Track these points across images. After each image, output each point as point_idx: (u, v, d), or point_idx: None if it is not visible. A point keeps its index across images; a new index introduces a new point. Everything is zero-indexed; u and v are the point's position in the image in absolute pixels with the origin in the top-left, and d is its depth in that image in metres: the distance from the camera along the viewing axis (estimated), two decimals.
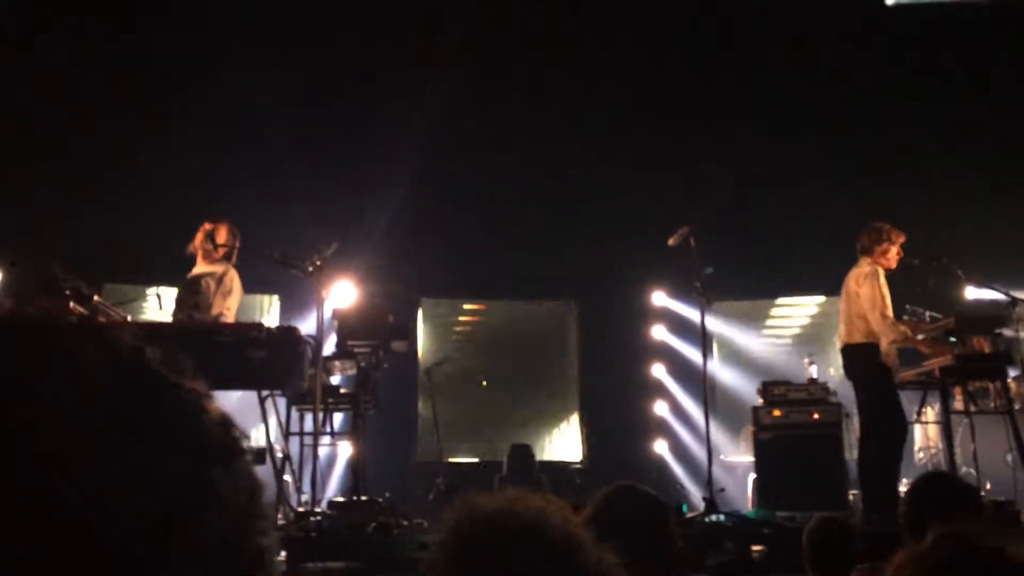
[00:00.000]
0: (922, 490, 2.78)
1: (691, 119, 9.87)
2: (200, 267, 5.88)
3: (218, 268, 5.85)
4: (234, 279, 5.84)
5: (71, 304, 5.13)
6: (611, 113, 9.93)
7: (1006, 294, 6.54)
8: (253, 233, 6.67)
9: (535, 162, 9.65)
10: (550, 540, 0.88)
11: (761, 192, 9.78)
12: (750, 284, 10.22)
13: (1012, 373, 6.55)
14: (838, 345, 6.46)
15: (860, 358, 6.20)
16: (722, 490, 6.74)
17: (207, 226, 5.87)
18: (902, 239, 6.22)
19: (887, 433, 6.05)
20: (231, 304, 5.78)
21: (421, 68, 9.47)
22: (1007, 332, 6.35)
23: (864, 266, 6.21)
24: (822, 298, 10.62)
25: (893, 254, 6.18)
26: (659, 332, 10.59)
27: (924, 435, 8.20)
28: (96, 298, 5.45)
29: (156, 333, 5.35)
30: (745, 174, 9.70)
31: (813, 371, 7.69)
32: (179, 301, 5.88)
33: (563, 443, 10.64)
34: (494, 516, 0.90)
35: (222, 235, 5.85)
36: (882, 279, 6.11)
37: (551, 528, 0.89)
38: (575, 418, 10.56)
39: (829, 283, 7.56)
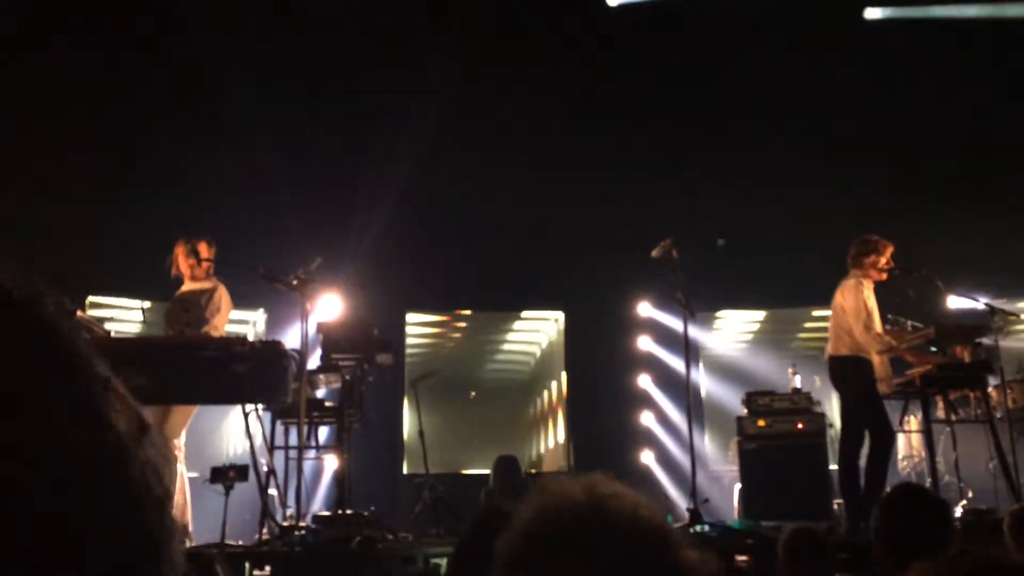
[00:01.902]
0: (895, 503, 2.79)
1: (677, 131, 9.93)
2: (189, 285, 5.89)
3: (207, 285, 5.86)
4: (223, 296, 5.85)
5: None
6: (597, 125, 9.98)
7: (985, 304, 6.61)
8: (238, 248, 6.68)
9: (521, 174, 9.69)
10: (645, 537, 0.84)
11: (747, 204, 9.84)
12: (735, 296, 10.29)
13: (992, 382, 6.61)
14: (825, 356, 6.52)
15: (845, 370, 6.25)
16: (706, 501, 6.76)
17: (188, 245, 5.86)
18: (891, 249, 6.28)
19: (874, 443, 6.10)
20: (218, 323, 5.78)
21: (409, 81, 9.51)
22: (987, 341, 6.42)
23: (850, 279, 6.27)
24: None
25: (882, 265, 6.24)
26: (645, 343, 10.62)
27: (907, 444, 8.26)
28: (79, 313, 5.44)
29: (141, 348, 5.35)
30: (731, 186, 9.76)
31: (797, 381, 7.73)
32: (169, 318, 5.87)
33: (550, 453, 10.66)
34: (587, 507, 0.85)
35: (203, 250, 5.85)
36: (868, 291, 6.17)
37: (646, 524, 0.85)
38: (561, 428, 10.58)
39: (820, 296, 7.57)
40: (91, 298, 8.71)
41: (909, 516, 2.62)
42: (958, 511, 6.10)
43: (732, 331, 11.09)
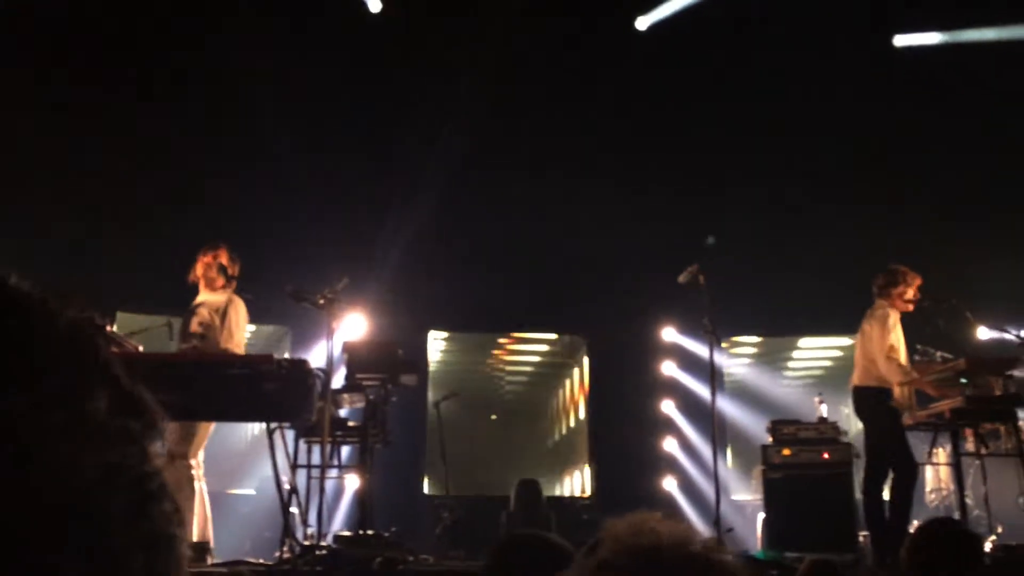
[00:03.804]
0: (928, 536, 2.75)
1: (704, 155, 9.93)
2: (203, 295, 5.87)
3: (220, 298, 5.80)
4: (238, 311, 5.81)
5: None
6: (623, 149, 10.00)
7: (1017, 336, 6.52)
8: (266, 266, 6.73)
9: (546, 197, 9.72)
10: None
11: (773, 228, 9.80)
12: (760, 323, 10.23)
13: (1023, 415, 6.49)
14: (850, 386, 6.45)
15: (869, 401, 6.19)
16: (730, 530, 6.69)
17: (211, 255, 5.88)
18: (919, 282, 6.24)
19: (897, 475, 6.02)
20: (238, 339, 5.78)
21: (433, 104, 9.59)
22: (1018, 374, 6.31)
23: (877, 308, 6.22)
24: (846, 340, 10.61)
25: (909, 296, 6.20)
26: (669, 368, 10.57)
27: (936, 477, 8.12)
28: (109, 328, 5.50)
29: (170, 364, 5.40)
30: (758, 210, 9.73)
31: (824, 410, 7.65)
32: (183, 331, 5.88)
33: (571, 479, 10.59)
34: (672, 550, 0.86)
35: (226, 260, 5.87)
36: (893, 321, 6.12)
37: (717, 567, 0.86)
38: (583, 454, 10.52)
39: (846, 324, 7.51)
40: (120, 314, 8.81)
41: (940, 549, 2.57)
42: (987, 546, 5.98)
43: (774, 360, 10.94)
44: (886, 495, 6.11)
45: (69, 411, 0.48)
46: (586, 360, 10.80)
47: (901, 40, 10.25)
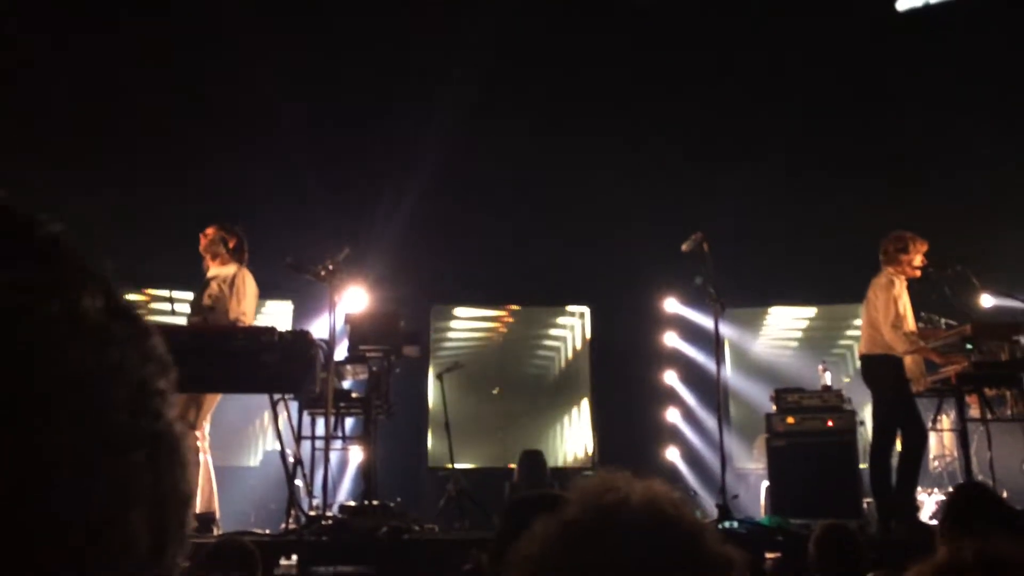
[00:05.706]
0: (965, 499, 2.70)
1: (706, 125, 9.83)
2: (213, 269, 5.91)
3: (229, 270, 5.85)
4: (245, 280, 5.82)
5: None
6: (626, 119, 9.92)
7: (1023, 301, 6.49)
8: (267, 238, 6.69)
9: (548, 168, 9.64)
10: (681, 535, 0.87)
11: (778, 199, 9.74)
12: (764, 292, 10.19)
13: None
14: (858, 354, 6.44)
15: (876, 368, 6.17)
16: (736, 496, 6.70)
17: (209, 231, 5.91)
18: (925, 248, 6.19)
19: (906, 442, 6.02)
20: (246, 308, 5.78)
21: (436, 74, 9.49)
22: None
23: (882, 276, 6.18)
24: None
25: (916, 263, 6.16)
26: (671, 339, 10.55)
27: (940, 443, 8.13)
28: None
29: (171, 336, 5.37)
30: (762, 180, 9.66)
31: (827, 378, 7.64)
32: (194, 304, 5.90)
33: (574, 449, 10.61)
34: (641, 508, 0.87)
35: (226, 235, 5.89)
36: (899, 289, 6.08)
37: (683, 524, 0.88)
38: (587, 424, 10.53)
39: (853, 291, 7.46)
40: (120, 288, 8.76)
41: (978, 511, 2.54)
42: None
43: (775, 329, 10.90)
44: (892, 462, 6.11)
45: (64, 304, 0.45)
46: (588, 330, 10.77)
47: (904, 3, 10.10)
